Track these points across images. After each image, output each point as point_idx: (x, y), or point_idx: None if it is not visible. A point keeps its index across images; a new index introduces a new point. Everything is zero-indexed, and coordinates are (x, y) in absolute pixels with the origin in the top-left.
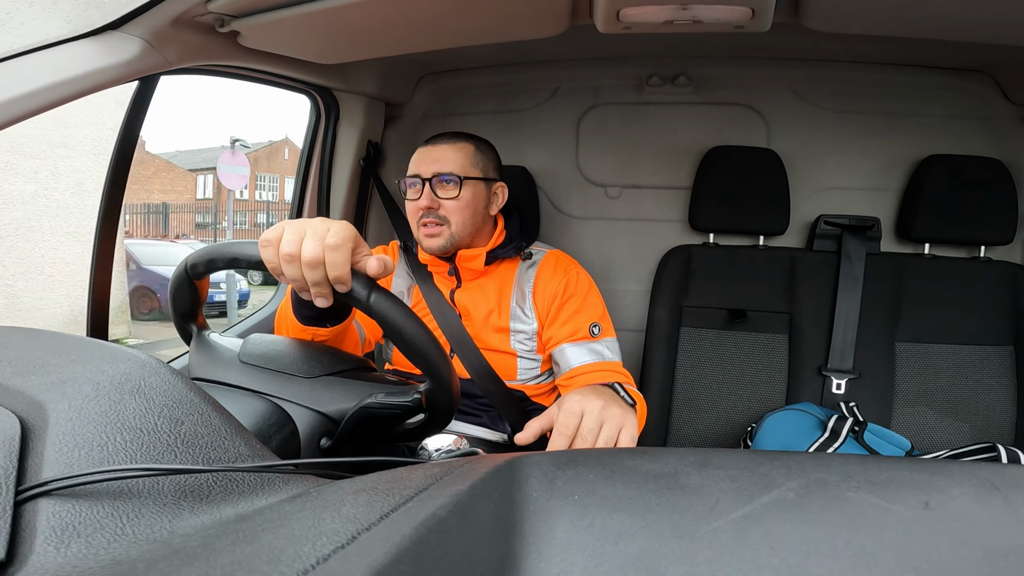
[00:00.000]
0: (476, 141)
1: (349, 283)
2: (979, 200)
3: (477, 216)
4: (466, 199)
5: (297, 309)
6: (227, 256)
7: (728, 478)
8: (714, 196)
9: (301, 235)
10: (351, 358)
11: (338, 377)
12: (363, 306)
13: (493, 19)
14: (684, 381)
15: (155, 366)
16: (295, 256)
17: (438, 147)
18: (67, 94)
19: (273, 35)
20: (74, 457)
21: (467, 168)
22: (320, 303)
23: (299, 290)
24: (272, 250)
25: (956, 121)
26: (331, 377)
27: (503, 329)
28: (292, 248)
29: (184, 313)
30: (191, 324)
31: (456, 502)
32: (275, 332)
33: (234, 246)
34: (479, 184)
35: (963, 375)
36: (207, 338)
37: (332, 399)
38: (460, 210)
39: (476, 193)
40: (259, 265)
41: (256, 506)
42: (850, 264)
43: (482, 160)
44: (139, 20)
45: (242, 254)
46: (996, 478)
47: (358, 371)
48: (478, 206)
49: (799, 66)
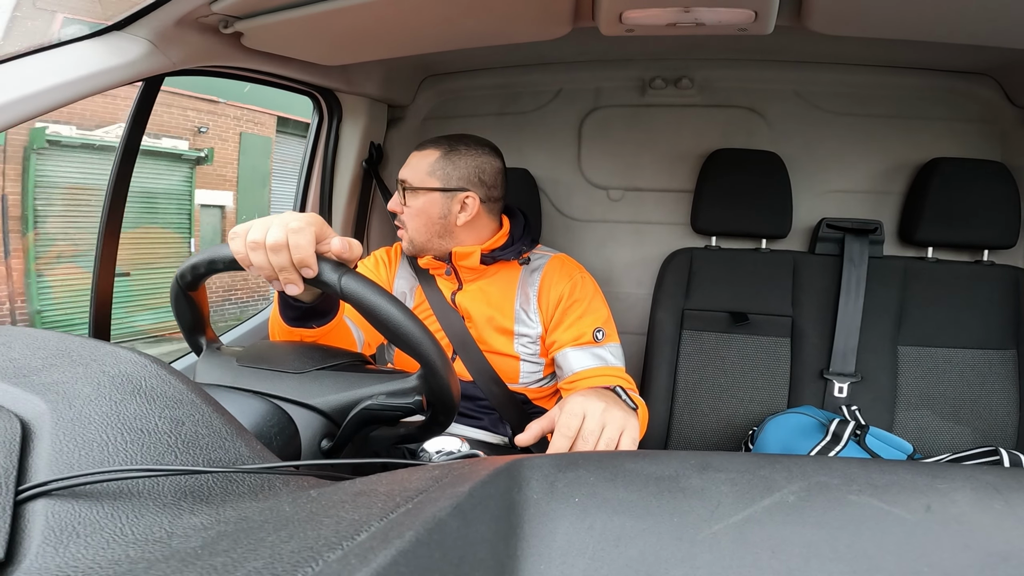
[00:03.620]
0: (449, 148)
1: (315, 266)
2: (982, 203)
3: (432, 225)
4: (415, 207)
5: (283, 311)
6: (205, 260)
7: (729, 481)
8: (716, 199)
9: (268, 225)
10: (342, 353)
11: (328, 371)
12: (334, 290)
13: (496, 21)
14: (686, 384)
15: (156, 367)
16: (260, 243)
17: (415, 153)
18: (72, 95)
19: (276, 36)
20: (74, 457)
21: (422, 178)
22: (291, 291)
23: (268, 279)
24: (240, 240)
25: (959, 124)
26: (322, 371)
27: (506, 331)
28: (257, 235)
29: (190, 327)
30: (200, 337)
31: (456, 504)
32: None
33: (209, 250)
34: (432, 194)
35: (965, 379)
36: (214, 350)
37: (322, 391)
38: (412, 217)
39: (428, 202)
40: (234, 264)
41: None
42: (853, 267)
43: (444, 168)
44: (143, 21)
45: (217, 256)
46: (998, 482)
47: (349, 365)
48: (431, 215)
49: (802, 69)
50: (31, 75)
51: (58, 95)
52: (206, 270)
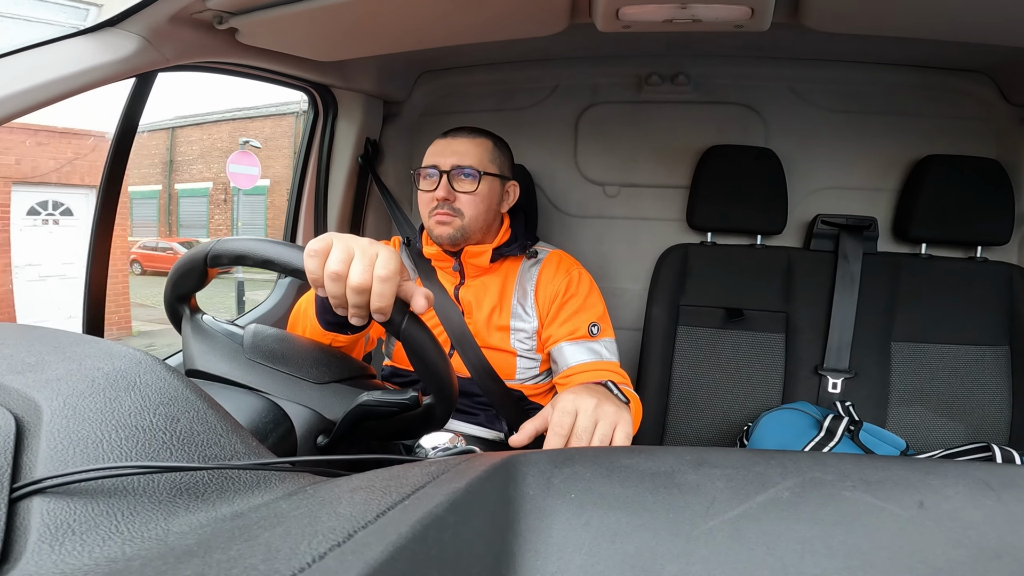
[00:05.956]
0: (494, 138)
1: (390, 315)
2: (976, 201)
3: (490, 212)
4: (483, 194)
5: (320, 314)
6: (261, 255)
7: (724, 477)
8: (712, 195)
9: (350, 255)
10: (358, 366)
11: (346, 385)
12: (394, 332)
13: (492, 17)
14: (681, 380)
15: (151, 363)
16: (342, 276)
17: (458, 140)
18: (64, 91)
19: (271, 32)
20: (69, 454)
21: (486, 164)
22: (355, 323)
23: (336, 307)
24: (318, 262)
25: (954, 121)
26: (340, 384)
27: (504, 327)
28: (340, 267)
29: (181, 295)
30: (184, 306)
31: (453, 500)
32: (288, 329)
33: (273, 247)
34: (495, 181)
35: (958, 375)
36: (202, 323)
37: (342, 407)
38: (475, 204)
39: (492, 189)
40: (296, 273)
41: (252, 504)
42: (847, 264)
43: (499, 157)
44: (137, 17)
45: (280, 257)
46: (990, 478)
47: (363, 379)
48: (492, 202)
49: (798, 66)
50: (23, 71)
51: (50, 91)
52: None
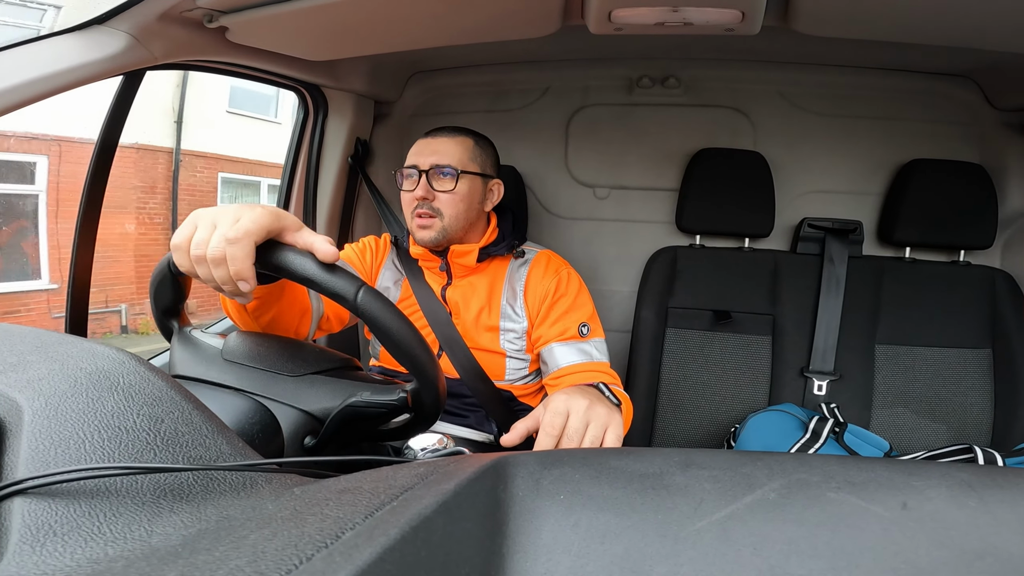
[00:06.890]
0: (476, 136)
1: (252, 280)
2: (960, 205)
3: (471, 211)
4: (461, 193)
5: None
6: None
7: (712, 478)
8: (701, 198)
9: (211, 230)
10: (337, 357)
11: (323, 376)
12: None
13: (484, 18)
14: (669, 382)
15: (134, 363)
16: (202, 257)
17: (438, 139)
18: (50, 88)
19: (262, 31)
20: (51, 455)
21: (464, 162)
22: (240, 301)
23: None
24: (183, 255)
25: (939, 126)
26: (316, 376)
27: (493, 328)
28: (199, 250)
29: (165, 309)
30: (172, 321)
31: (442, 501)
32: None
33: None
34: (475, 179)
35: (941, 377)
36: (189, 335)
37: (317, 398)
38: (454, 203)
39: (472, 188)
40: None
41: (238, 505)
42: (833, 267)
43: (480, 155)
44: (125, 15)
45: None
46: (972, 480)
47: (344, 370)
48: (472, 201)
49: (786, 70)
50: (9, 69)
51: (36, 89)
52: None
